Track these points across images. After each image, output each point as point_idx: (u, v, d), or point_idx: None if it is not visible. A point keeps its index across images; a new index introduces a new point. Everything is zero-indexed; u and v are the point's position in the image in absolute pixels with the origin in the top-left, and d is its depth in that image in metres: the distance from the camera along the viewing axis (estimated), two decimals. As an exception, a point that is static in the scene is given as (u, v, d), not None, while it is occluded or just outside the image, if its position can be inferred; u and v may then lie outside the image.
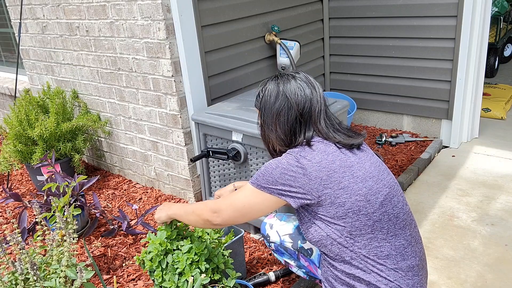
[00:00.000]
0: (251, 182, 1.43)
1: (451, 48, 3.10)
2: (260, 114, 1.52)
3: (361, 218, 1.34)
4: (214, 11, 2.62)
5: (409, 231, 1.41)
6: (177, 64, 2.51)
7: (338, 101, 2.45)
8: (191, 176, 2.77)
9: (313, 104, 1.44)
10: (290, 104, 1.43)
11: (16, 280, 1.60)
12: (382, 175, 1.42)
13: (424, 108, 3.41)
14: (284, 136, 1.47)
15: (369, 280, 1.35)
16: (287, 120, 1.44)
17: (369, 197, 1.35)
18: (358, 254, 1.35)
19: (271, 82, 1.50)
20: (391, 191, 1.41)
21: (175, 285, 1.68)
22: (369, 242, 1.35)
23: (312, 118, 1.44)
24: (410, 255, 1.39)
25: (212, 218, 1.48)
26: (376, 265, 1.35)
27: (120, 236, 2.55)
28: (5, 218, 2.90)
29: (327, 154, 1.37)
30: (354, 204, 1.34)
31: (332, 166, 1.35)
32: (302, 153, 1.38)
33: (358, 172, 1.37)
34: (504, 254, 2.16)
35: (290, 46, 3.05)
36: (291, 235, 1.73)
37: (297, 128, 1.45)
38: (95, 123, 3.11)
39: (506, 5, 4.82)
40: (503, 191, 2.70)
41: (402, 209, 1.42)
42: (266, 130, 1.51)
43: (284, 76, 1.49)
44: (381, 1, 3.31)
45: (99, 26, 2.78)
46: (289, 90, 1.44)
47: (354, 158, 1.40)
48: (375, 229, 1.34)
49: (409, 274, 1.37)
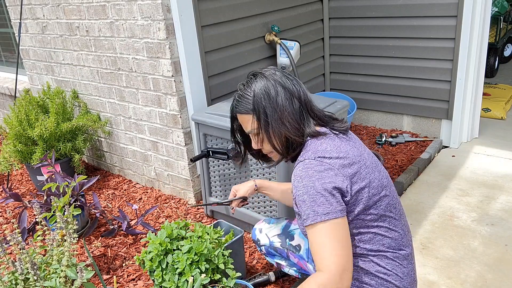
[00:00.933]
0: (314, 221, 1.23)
1: (451, 48, 3.10)
2: (255, 117, 1.37)
3: (372, 212, 1.31)
4: (214, 11, 2.62)
5: (403, 221, 1.42)
6: (177, 64, 2.51)
7: (338, 101, 2.45)
8: (191, 176, 2.77)
9: (304, 92, 1.39)
10: (290, 93, 1.35)
11: (16, 280, 1.60)
12: (379, 166, 1.40)
13: (424, 108, 3.41)
14: (297, 124, 1.36)
15: (367, 269, 1.36)
16: (293, 110, 1.35)
17: (379, 189, 1.33)
18: (361, 248, 1.35)
19: (255, 81, 1.38)
20: (388, 181, 1.40)
21: (175, 285, 1.68)
22: (374, 236, 1.34)
23: (307, 105, 1.39)
24: (405, 244, 1.40)
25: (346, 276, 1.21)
26: (376, 256, 1.35)
27: (120, 236, 2.55)
28: (5, 218, 2.90)
29: (338, 146, 1.32)
30: (370, 199, 1.30)
31: (348, 157, 1.30)
32: (318, 153, 1.29)
33: (367, 161, 1.34)
34: (504, 254, 2.16)
35: (290, 46, 3.05)
36: (279, 235, 1.77)
37: (304, 116, 1.37)
38: (95, 123, 3.11)
39: (506, 5, 4.82)
40: (503, 191, 2.70)
41: (397, 199, 1.43)
42: (275, 128, 1.35)
43: (266, 71, 1.40)
44: (381, 1, 3.31)
45: (99, 26, 2.78)
46: (282, 80, 1.36)
47: (355, 148, 1.35)
48: (379, 222, 1.34)
49: (404, 263, 1.38)
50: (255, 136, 1.42)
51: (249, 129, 1.41)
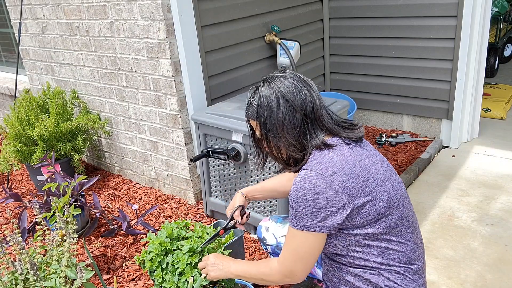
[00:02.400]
0: (294, 226, 1.31)
1: (451, 48, 3.10)
2: (258, 125, 1.37)
3: (381, 225, 1.29)
4: (214, 11, 2.62)
5: (416, 234, 1.39)
6: (177, 64, 2.51)
7: (338, 101, 2.45)
8: (191, 176, 2.77)
9: (313, 100, 1.33)
10: (293, 107, 1.31)
11: (16, 280, 1.60)
12: (393, 176, 1.36)
13: (424, 108, 3.41)
14: (295, 141, 1.33)
15: (377, 283, 1.33)
16: (293, 125, 1.32)
17: (389, 202, 1.29)
18: (371, 262, 1.32)
19: (263, 87, 1.36)
20: (402, 192, 1.36)
21: (175, 285, 1.68)
22: (384, 250, 1.31)
23: (316, 116, 1.33)
24: (418, 258, 1.37)
25: (289, 281, 1.40)
26: (386, 270, 1.33)
27: (120, 236, 2.55)
28: (5, 218, 2.90)
29: (346, 158, 1.28)
30: (378, 212, 1.28)
31: (354, 170, 1.27)
32: (322, 164, 1.27)
33: (376, 174, 1.30)
34: (504, 254, 2.16)
35: (290, 46, 3.05)
36: None
37: (306, 130, 1.33)
38: (95, 123, 3.11)
39: (506, 5, 4.82)
40: (503, 191, 2.70)
41: (411, 211, 1.39)
42: (272, 141, 1.36)
43: (275, 78, 1.36)
44: (381, 1, 3.31)
45: (99, 26, 2.78)
46: (286, 92, 1.32)
47: (368, 160, 1.32)
48: (391, 236, 1.31)
49: (415, 277, 1.36)
50: (262, 142, 1.44)
51: (257, 134, 1.43)
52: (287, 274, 1.38)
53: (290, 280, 1.39)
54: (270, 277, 1.43)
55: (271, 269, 1.42)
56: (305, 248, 1.32)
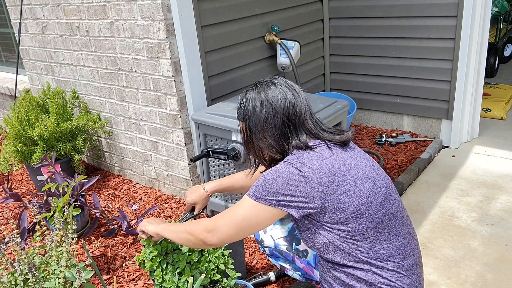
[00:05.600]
0: (250, 195, 1.36)
1: (451, 48, 3.10)
2: (244, 126, 1.47)
3: (364, 221, 1.32)
4: (214, 11, 2.62)
5: (406, 229, 1.41)
6: (177, 64, 2.51)
7: (338, 101, 2.45)
8: (191, 176, 2.77)
9: (297, 106, 1.41)
10: (275, 109, 1.39)
11: (15, 281, 1.60)
12: (378, 174, 1.41)
13: (424, 108, 3.41)
14: (274, 142, 1.41)
15: (370, 281, 1.35)
16: (274, 127, 1.40)
17: (370, 198, 1.34)
18: (360, 258, 1.34)
19: (251, 92, 1.45)
20: (388, 189, 1.40)
21: (175, 285, 1.68)
22: (371, 246, 1.34)
23: (299, 119, 1.41)
24: (410, 253, 1.39)
25: (207, 237, 1.39)
26: (378, 267, 1.34)
27: (120, 236, 2.55)
28: (5, 218, 2.90)
29: (325, 158, 1.34)
30: (357, 208, 1.31)
31: (332, 170, 1.32)
32: (301, 160, 1.34)
33: (357, 173, 1.35)
34: (504, 254, 2.16)
35: (290, 46, 3.05)
36: (286, 238, 1.73)
37: (287, 132, 1.41)
38: (95, 123, 3.11)
39: (506, 5, 4.81)
40: (503, 191, 2.69)
41: (399, 207, 1.42)
42: (255, 141, 1.45)
43: (263, 84, 1.45)
44: (381, 1, 3.31)
45: (99, 26, 2.78)
46: (271, 96, 1.40)
47: (350, 160, 1.37)
48: (377, 231, 1.34)
49: (409, 274, 1.37)
50: (248, 143, 1.51)
51: (244, 135, 1.51)
52: (210, 229, 1.38)
53: (206, 236, 1.39)
54: (193, 229, 1.43)
55: (199, 222, 1.43)
56: (248, 216, 1.35)
